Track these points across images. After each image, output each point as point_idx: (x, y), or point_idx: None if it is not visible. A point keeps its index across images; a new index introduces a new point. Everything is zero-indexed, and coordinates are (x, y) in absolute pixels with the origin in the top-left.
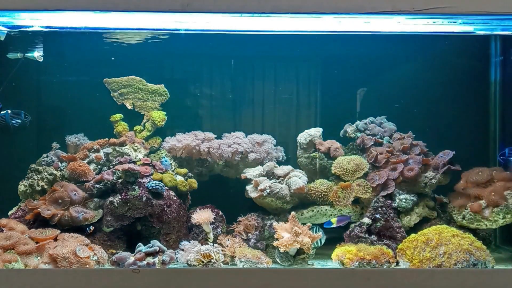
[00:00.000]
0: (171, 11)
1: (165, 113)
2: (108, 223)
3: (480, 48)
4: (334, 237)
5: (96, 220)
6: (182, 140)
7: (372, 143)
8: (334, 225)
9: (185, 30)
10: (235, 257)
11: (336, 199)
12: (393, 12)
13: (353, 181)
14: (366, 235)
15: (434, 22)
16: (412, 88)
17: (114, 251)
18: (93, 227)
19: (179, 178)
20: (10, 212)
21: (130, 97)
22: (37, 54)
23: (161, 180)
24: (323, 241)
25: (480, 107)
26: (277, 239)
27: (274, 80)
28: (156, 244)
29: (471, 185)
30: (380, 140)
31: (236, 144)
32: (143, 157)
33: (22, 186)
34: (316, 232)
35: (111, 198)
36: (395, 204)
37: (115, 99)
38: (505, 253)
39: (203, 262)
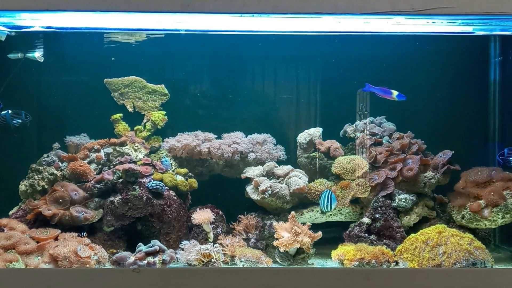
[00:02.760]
0: (171, 12)
1: (165, 113)
2: (108, 222)
3: (479, 49)
4: (334, 236)
5: (96, 219)
6: (182, 140)
7: (372, 142)
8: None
9: (185, 30)
10: (235, 256)
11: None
12: (392, 12)
13: (352, 181)
14: (366, 235)
15: (433, 22)
16: (412, 88)
17: (114, 251)
18: (86, 234)
19: (180, 178)
20: (10, 212)
21: (130, 97)
22: (38, 54)
23: (161, 180)
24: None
25: (480, 107)
26: (277, 239)
27: (274, 80)
28: (156, 243)
29: (471, 185)
30: (380, 139)
31: (236, 144)
32: (144, 157)
33: (22, 186)
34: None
35: (111, 198)
36: (395, 204)
37: (115, 99)
38: (504, 253)
39: (203, 261)
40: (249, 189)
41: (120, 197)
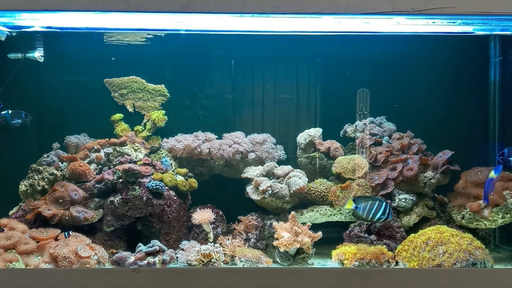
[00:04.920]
0: (171, 12)
1: (165, 113)
2: (108, 222)
3: (479, 49)
4: (334, 236)
5: (96, 219)
6: (182, 140)
7: (372, 142)
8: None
9: (185, 30)
10: (235, 256)
11: (335, 199)
12: (392, 12)
13: (353, 181)
14: (366, 235)
15: (433, 22)
16: (412, 88)
17: (114, 251)
18: (72, 232)
19: (180, 178)
20: (10, 212)
21: (130, 97)
22: (38, 54)
23: (161, 180)
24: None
25: (480, 107)
26: (277, 239)
27: (274, 80)
28: (156, 243)
29: (471, 185)
30: (380, 139)
31: (236, 144)
32: (144, 157)
33: (22, 186)
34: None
35: (111, 198)
36: (395, 204)
37: (115, 99)
38: (504, 253)
39: (203, 261)
40: (249, 189)
41: (120, 197)
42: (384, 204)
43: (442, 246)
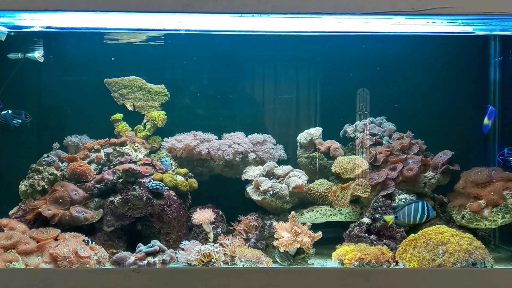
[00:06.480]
0: (171, 12)
1: (165, 113)
2: (108, 222)
3: (479, 49)
4: (334, 236)
5: (96, 219)
6: (182, 139)
7: (372, 143)
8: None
9: (185, 30)
10: (235, 256)
11: (335, 199)
12: (392, 12)
13: (352, 181)
14: (366, 235)
15: (433, 22)
16: (412, 88)
17: (114, 251)
18: (94, 243)
19: (180, 178)
20: (10, 212)
21: (130, 97)
22: (38, 54)
23: (161, 180)
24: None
25: (480, 107)
26: (277, 239)
27: (274, 80)
28: (156, 243)
29: (471, 185)
30: (380, 140)
31: (236, 144)
32: (144, 157)
33: (22, 186)
34: None
35: (111, 198)
36: (395, 204)
37: (115, 99)
38: (504, 253)
39: (203, 261)
40: (249, 189)
41: (120, 197)
42: (420, 203)
43: (442, 246)
